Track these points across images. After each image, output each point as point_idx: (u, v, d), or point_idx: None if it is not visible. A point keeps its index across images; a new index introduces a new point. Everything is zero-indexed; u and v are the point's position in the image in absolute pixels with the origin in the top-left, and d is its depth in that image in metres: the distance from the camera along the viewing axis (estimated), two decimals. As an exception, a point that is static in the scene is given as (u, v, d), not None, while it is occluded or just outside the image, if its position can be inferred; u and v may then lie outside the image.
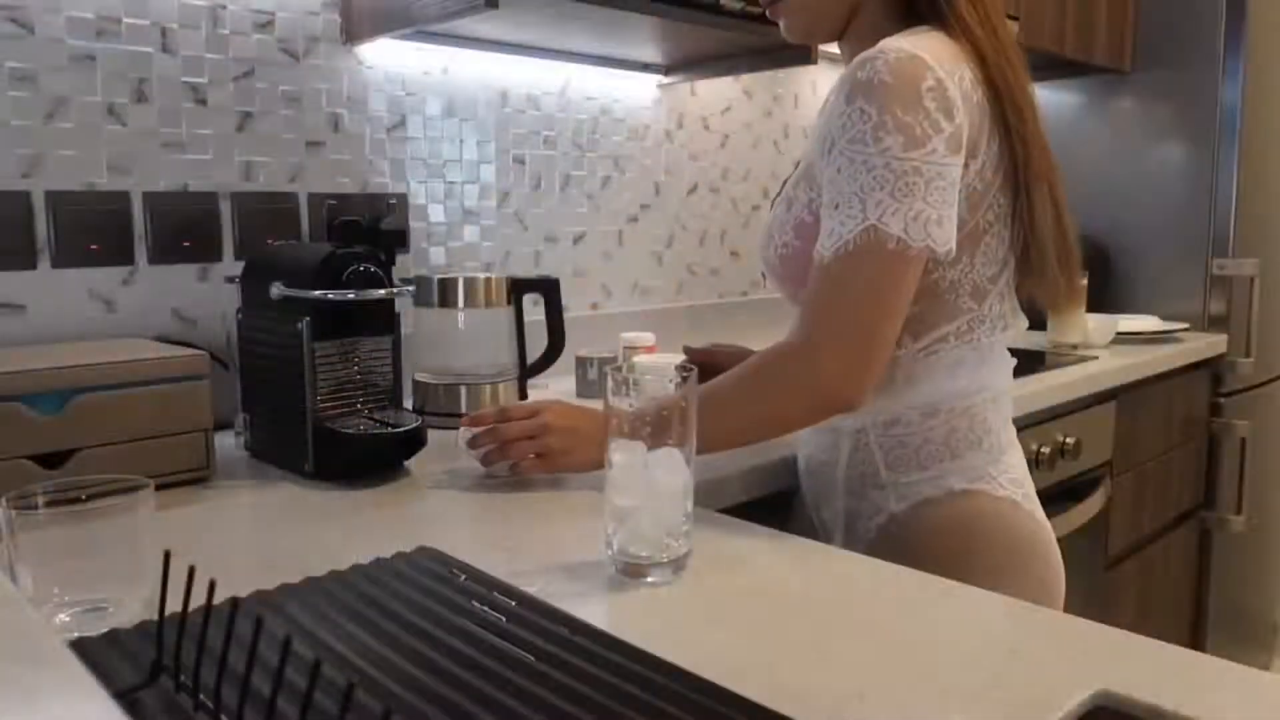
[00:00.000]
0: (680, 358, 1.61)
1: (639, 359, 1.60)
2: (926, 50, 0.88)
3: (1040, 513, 1.02)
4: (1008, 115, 0.92)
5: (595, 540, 0.87)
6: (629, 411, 0.77)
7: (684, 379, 0.78)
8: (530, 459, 1.00)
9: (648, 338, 1.70)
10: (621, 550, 0.78)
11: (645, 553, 0.77)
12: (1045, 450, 1.65)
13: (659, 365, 0.82)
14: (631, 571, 0.78)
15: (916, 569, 0.80)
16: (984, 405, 0.99)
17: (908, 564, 0.82)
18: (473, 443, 1.03)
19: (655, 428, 0.76)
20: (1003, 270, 0.97)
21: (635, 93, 1.93)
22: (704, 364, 1.20)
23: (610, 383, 0.78)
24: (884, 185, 0.86)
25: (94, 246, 1.26)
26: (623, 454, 0.78)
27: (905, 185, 0.85)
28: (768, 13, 1.05)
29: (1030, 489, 1.02)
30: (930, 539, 0.97)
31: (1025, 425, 1.59)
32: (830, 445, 1.04)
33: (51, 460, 0.96)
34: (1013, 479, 1.00)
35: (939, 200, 0.87)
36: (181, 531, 0.92)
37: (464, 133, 1.66)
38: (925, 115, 0.86)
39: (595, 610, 0.72)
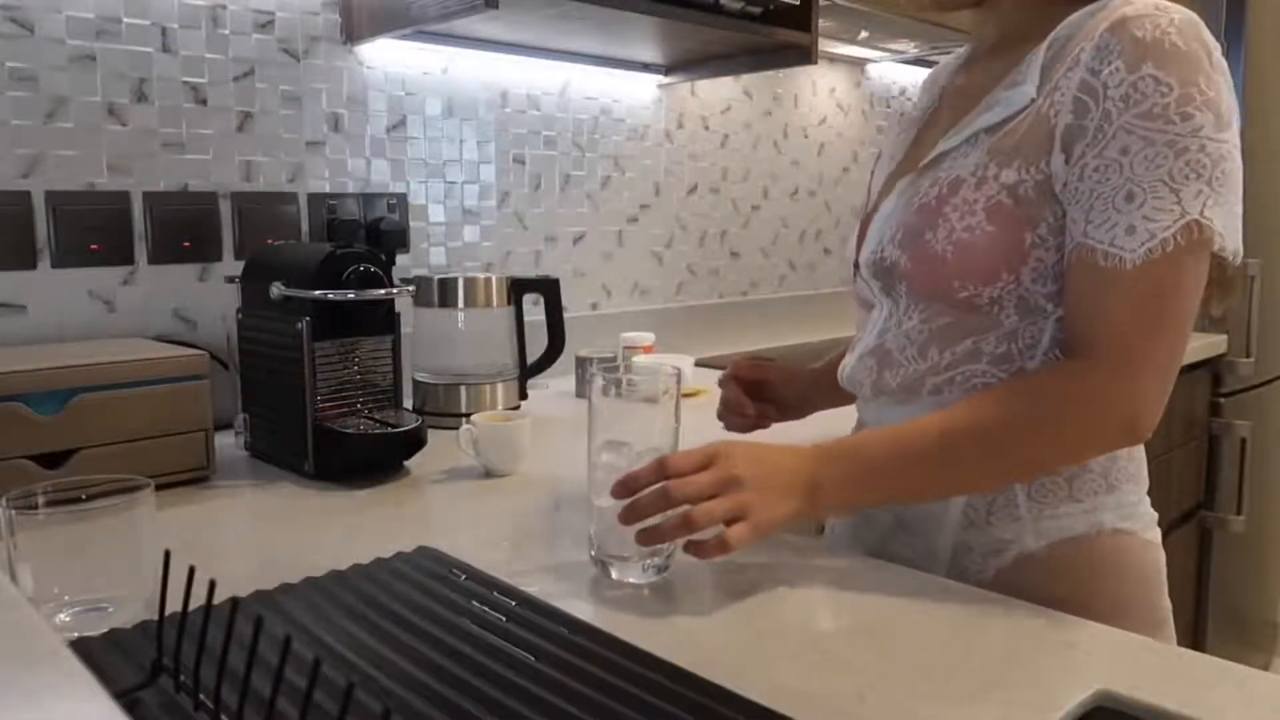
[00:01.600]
0: (680, 357, 1.62)
1: (638, 359, 1.60)
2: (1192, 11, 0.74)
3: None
4: None
5: (595, 540, 0.87)
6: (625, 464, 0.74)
7: (675, 380, 0.77)
8: (736, 529, 0.72)
9: (647, 338, 1.70)
10: (601, 549, 0.78)
11: (627, 553, 0.76)
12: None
13: (653, 365, 0.80)
14: (611, 571, 0.78)
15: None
16: None
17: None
18: (631, 515, 0.73)
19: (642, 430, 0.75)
20: None
21: (635, 93, 1.93)
22: (753, 380, 1.07)
23: (600, 382, 0.77)
24: (1201, 173, 0.71)
25: (94, 246, 1.26)
26: (610, 454, 0.77)
27: (1222, 174, 0.72)
28: None
29: (1159, 535, 0.88)
30: (1071, 583, 0.80)
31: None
32: None
33: (51, 460, 0.96)
34: (1154, 520, 0.86)
35: (1240, 195, 0.75)
36: (181, 531, 0.92)
37: (464, 133, 1.66)
38: (1224, 90, 0.72)
39: (595, 610, 0.71)
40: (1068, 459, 0.78)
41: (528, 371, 1.48)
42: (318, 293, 1.08)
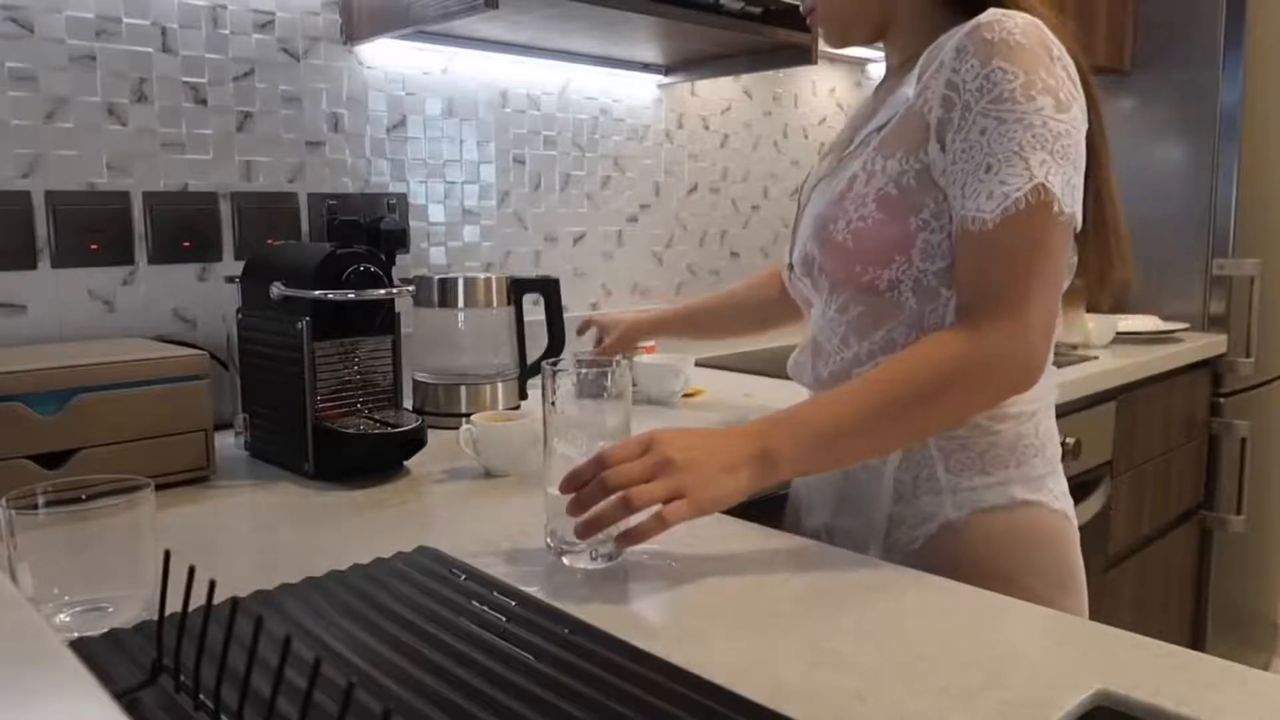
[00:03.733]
0: (680, 357, 1.61)
1: (639, 359, 1.60)
2: (1038, 19, 0.86)
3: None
4: (1095, 101, 0.89)
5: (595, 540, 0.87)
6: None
7: (616, 370, 0.82)
8: (673, 505, 0.75)
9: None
10: (552, 535, 0.82)
11: (577, 542, 0.78)
12: (1045, 450, 1.64)
13: (602, 360, 0.84)
14: (564, 555, 0.81)
15: (971, 580, 0.78)
16: (1045, 411, 0.95)
17: (962, 574, 0.79)
18: (576, 509, 0.76)
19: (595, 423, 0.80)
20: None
21: (635, 93, 1.93)
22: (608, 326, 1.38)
23: (553, 377, 0.81)
24: (1044, 144, 0.81)
25: (94, 246, 1.26)
26: (564, 446, 0.81)
27: (1061, 148, 0.81)
28: (808, 21, 1.03)
29: (1072, 504, 0.97)
30: (990, 549, 0.90)
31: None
32: None
33: (51, 460, 0.96)
34: (1064, 491, 0.96)
35: (1080, 170, 0.84)
36: (181, 531, 0.92)
37: (464, 133, 1.66)
38: (1064, 80, 0.83)
39: (595, 610, 0.71)
40: (971, 410, 0.87)
41: (528, 371, 1.48)
42: (318, 293, 1.08)
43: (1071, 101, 0.83)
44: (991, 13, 0.85)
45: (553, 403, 0.82)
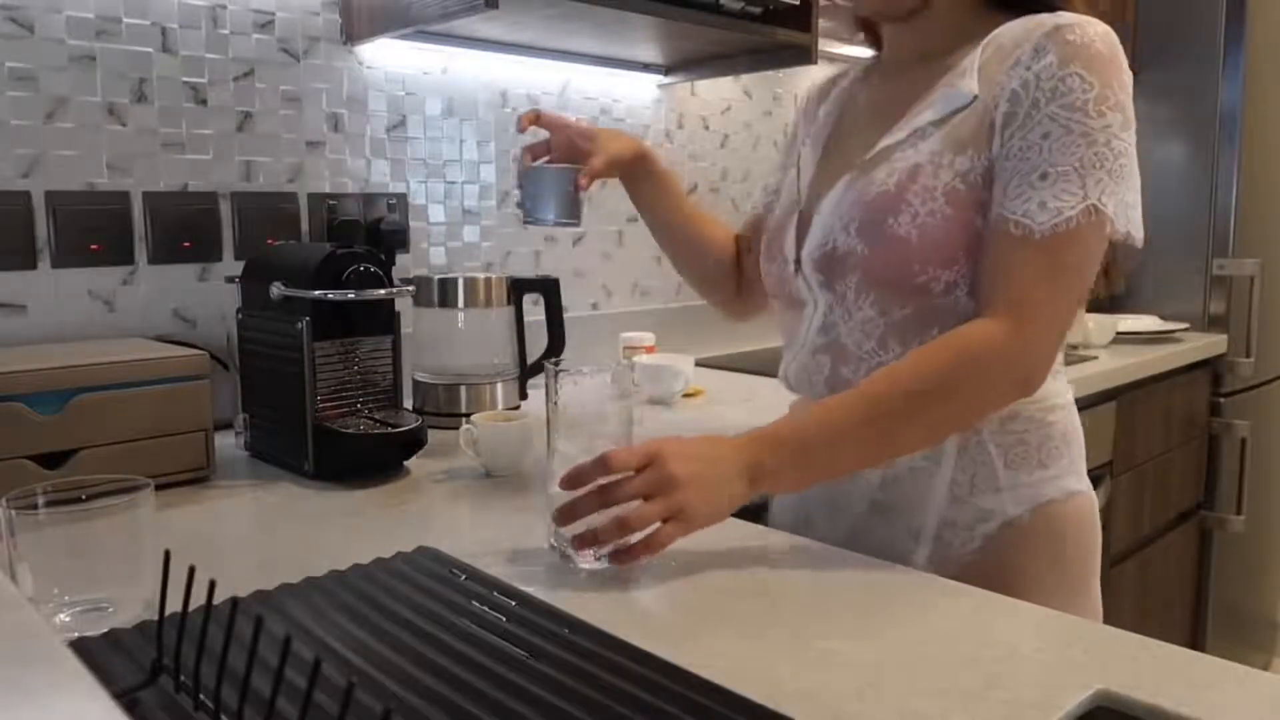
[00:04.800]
0: (680, 357, 1.62)
1: (639, 359, 1.61)
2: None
3: None
4: None
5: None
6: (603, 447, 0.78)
7: (628, 373, 0.81)
8: (667, 528, 0.75)
9: (648, 338, 1.70)
10: (555, 534, 0.81)
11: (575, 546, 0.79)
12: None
13: (592, 368, 0.82)
14: (567, 555, 0.80)
15: (1038, 575, 0.79)
16: (1073, 402, 0.96)
17: (1030, 571, 0.80)
18: (568, 514, 0.77)
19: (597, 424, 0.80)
20: None
21: (635, 93, 1.93)
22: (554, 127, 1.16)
23: (556, 376, 0.81)
24: (1104, 163, 0.80)
25: (94, 246, 1.26)
26: (566, 444, 0.81)
27: (1119, 167, 0.81)
28: None
29: None
30: (1054, 542, 0.90)
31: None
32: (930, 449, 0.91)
33: (51, 460, 0.96)
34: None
35: (1137, 187, 0.84)
36: (181, 531, 0.92)
37: (464, 133, 1.66)
38: (1129, 99, 0.83)
39: (595, 610, 0.71)
40: (979, 413, 0.86)
41: (528, 371, 1.48)
42: (318, 293, 1.08)
43: (1133, 121, 0.83)
44: (1072, 16, 0.84)
45: (555, 402, 0.82)
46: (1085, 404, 1.81)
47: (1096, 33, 0.82)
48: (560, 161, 1.16)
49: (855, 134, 0.96)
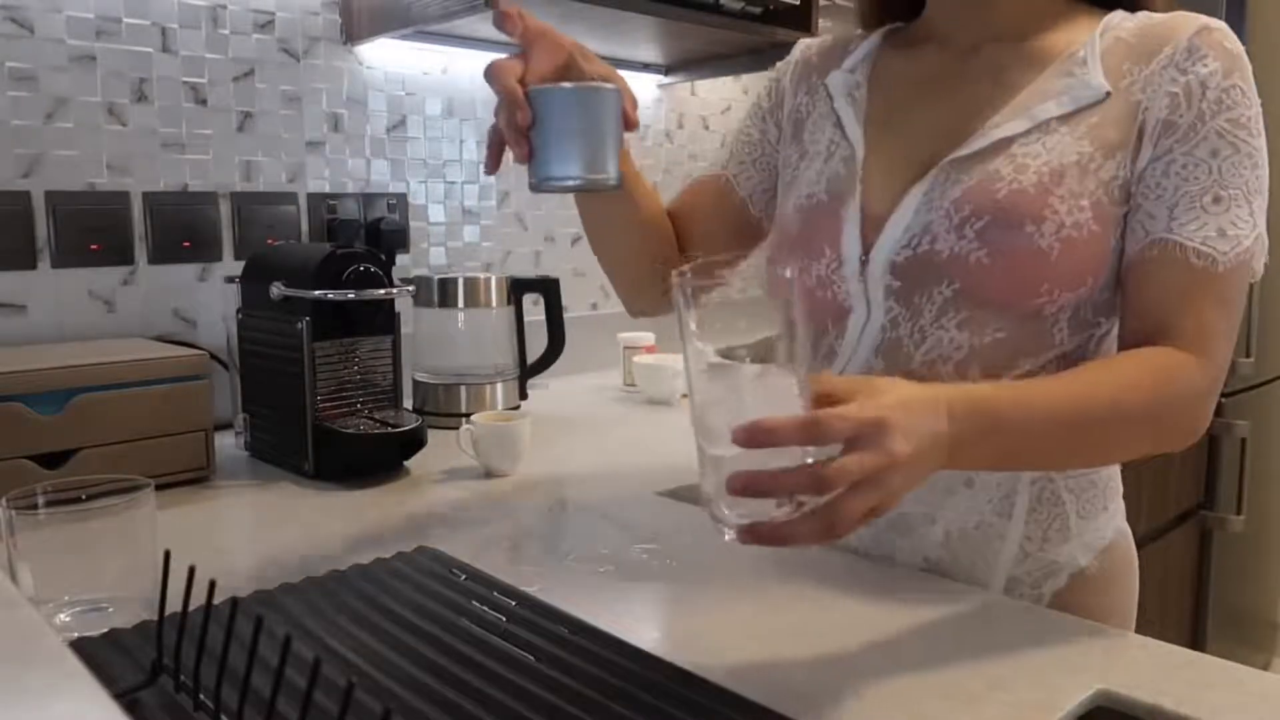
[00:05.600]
0: (680, 357, 1.61)
1: (639, 359, 1.60)
2: None
3: None
4: None
5: (596, 540, 0.87)
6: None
7: (789, 275, 0.59)
8: (855, 521, 0.56)
9: (647, 338, 1.70)
10: (715, 510, 0.57)
11: (750, 517, 0.56)
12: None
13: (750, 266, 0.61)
14: (719, 519, 0.57)
15: (1105, 622, 0.73)
16: None
17: (1094, 617, 0.74)
18: (755, 489, 0.54)
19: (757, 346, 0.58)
20: None
21: (635, 92, 1.92)
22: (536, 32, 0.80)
23: (685, 290, 0.58)
24: (1261, 190, 0.73)
25: (94, 246, 1.26)
26: (716, 384, 0.58)
27: (1264, 196, 0.74)
28: None
29: None
30: (1115, 587, 0.83)
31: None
32: (999, 501, 0.79)
33: (51, 460, 0.96)
34: None
35: None
36: (181, 531, 0.92)
37: (464, 133, 1.66)
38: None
39: (595, 610, 0.71)
40: (1155, 447, 0.75)
41: (528, 371, 1.48)
42: (318, 293, 1.08)
43: None
44: (1212, 20, 0.75)
45: (690, 324, 0.59)
46: (1085, 404, 1.81)
47: (1238, 43, 0.74)
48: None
49: (913, 113, 0.82)
